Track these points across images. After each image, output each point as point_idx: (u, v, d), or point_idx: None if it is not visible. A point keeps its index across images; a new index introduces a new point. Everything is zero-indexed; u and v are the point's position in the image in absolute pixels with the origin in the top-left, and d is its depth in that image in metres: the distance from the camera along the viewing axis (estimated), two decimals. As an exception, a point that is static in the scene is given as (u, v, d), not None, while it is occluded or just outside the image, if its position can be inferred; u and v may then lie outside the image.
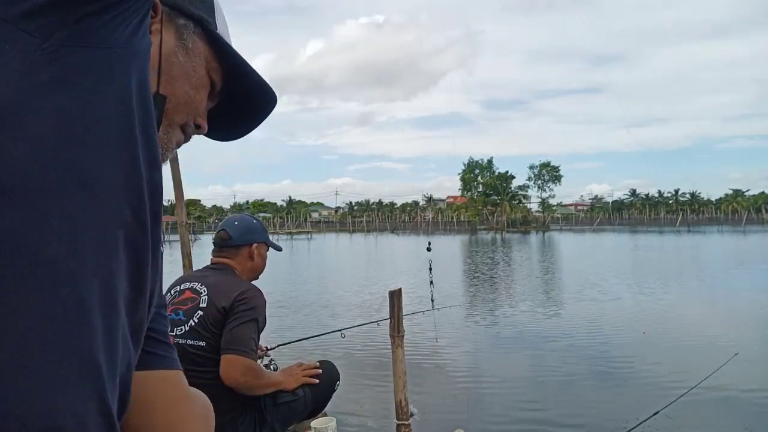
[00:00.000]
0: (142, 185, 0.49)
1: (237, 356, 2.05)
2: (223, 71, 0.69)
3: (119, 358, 0.48)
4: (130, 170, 0.48)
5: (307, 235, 66.69)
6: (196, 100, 0.67)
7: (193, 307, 2.14)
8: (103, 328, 0.45)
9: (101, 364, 0.45)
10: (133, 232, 0.49)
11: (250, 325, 2.12)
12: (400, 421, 2.88)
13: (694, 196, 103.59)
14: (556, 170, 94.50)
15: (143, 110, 0.50)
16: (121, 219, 0.47)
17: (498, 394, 4.80)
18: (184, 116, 0.66)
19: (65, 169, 0.42)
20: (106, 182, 0.45)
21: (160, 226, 0.55)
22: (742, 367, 4.47)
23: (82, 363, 0.43)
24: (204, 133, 0.72)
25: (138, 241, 0.50)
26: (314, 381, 2.39)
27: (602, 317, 8.43)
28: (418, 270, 17.99)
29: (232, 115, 0.76)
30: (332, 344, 6.50)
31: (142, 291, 0.53)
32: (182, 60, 0.63)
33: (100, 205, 0.45)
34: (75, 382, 0.42)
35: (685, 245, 30.65)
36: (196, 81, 0.66)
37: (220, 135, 0.79)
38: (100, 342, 0.45)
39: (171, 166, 4.17)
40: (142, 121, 0.49)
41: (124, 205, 0.47)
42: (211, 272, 2.30)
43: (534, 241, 43.72)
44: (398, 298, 2.96)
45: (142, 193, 0.49)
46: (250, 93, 0.74)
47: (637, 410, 4.15)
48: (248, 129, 0.80)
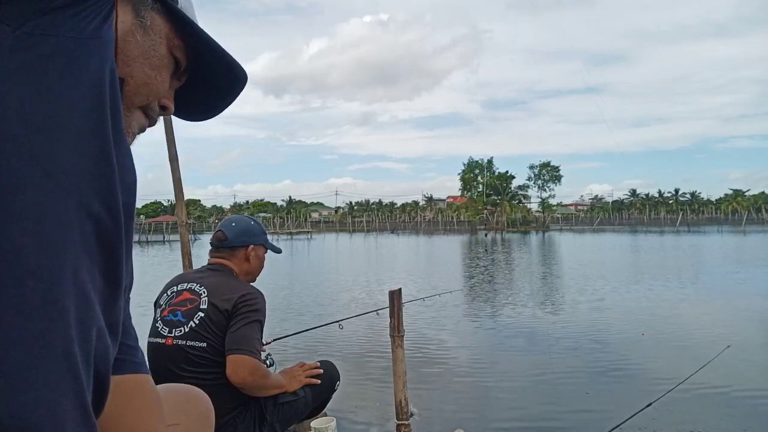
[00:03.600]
0: (113, 175, 0.48)
1: (244, 356, 2.05)
2: (187, 49, 0.65)
3: (94, 352, 0.46)
4: (99, 160, 0.46)
5: (307, 235, 66.65)
6: (157, 81, 0.63)
7: (193, 309, 2.13)
8: (76, 321, 0.44)
9: (76, 358, 0.43)
10: (104, 223, 0.47)
11: (254, 325, 2.11)
12: (400, 421, 2.88)
13: (694, 196, 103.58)
14: (556, 170, 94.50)
15: (113, 100, 0.48)
16: (91, 210, 0.46)
17: (498, 394, 4.80)
18: (144, 98, 0.62)
19: (30, 158, 0.41)
20: (73, 172, 0.44)
21: (133, 219, 0.53)
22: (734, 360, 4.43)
23: (56, 357, 0.41)
24: (171, 114, 0.69)
25: (110, 233, 0.48)
26: (316, 381, 2.39)
27: (602, 317, 8.43)
28: (417, 269, 18.03)
29: (201, 94, 0.73)
30: (331, 343, 6.51)
31: (117, 284, 0.50)
32: (140, 39, 0.59)
33: (68, 195, 0.43)
34: (49, 378, 0.41)
35: (686, 245, 30.64)
36: (156, 61, 0.62)
37: (189, 115, 0.76)
38: (73, 335, 0.43)
39: (171, 165, 4.16)
40: (113, 110, 0.48)
41: (94, 195, 0.46)
42: (209, 273, 2.29)
43: (534, 241, 43.72)
44: (398, 298, 2.95)
45: (113, 184, 0.48)
46: (217, 71, 0.70)
47: (638, 408, 4.15)
48: (219, 108, 0.77)
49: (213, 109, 0.77)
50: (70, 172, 0.44)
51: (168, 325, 2.14)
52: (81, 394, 0.44)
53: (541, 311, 9.12)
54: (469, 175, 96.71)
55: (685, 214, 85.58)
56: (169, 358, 2.09)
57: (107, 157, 0.47)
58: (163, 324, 2.15)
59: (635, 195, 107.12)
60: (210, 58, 0.68)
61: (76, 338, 0.43)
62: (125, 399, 0.66)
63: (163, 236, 57.78)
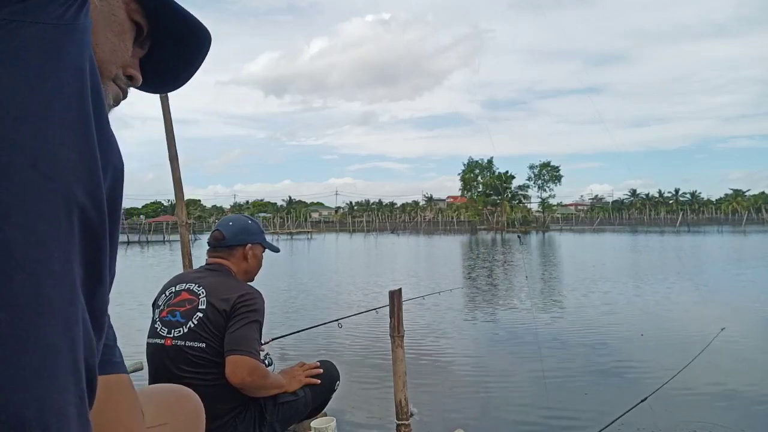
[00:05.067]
0: (97, 165, 0.46)
1: (243, 356, 2.04)
2: (146, 12, 0.62)
3: (82, 345, 0.45)
4: (83, 150, 0.45)
5: (307, 235, 66.64)
6: (122, 48, 0.60)
7: (191, 309, 2.13)
8: (66, 315, 0.43)
9: (67, 353, 0.42)
10: (88, 214, 0.46)
11: (253, 326, 2.11)
12: (400, 421, 2.87)
13: (694, 196, 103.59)
14: (556, 170, 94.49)
15: (95, 87, 0.47)
16: (76, 201, 0.44)
17: (498, 393, 4.80)
18: (114, 68, 0.60)
19: (13, 149, 0.40)
20: (58, 162, 0.43)
21: (118, 211, 0.51)
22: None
23: (47, 353, 0.41)
24: (138, 84, 0.65)
25: (94, 224, 0.47)
26: (316, 381, 2.39)
27: (602, 316, 8.43)
28: (417, 269, 18.02)
29: (166, 62, 0.69)
30: (331, 343, 6.51)
31: (100, 277, 0.49)
32: (98, 4, 0.56)
33: (53, 186, 0.42)
34: (41, 374, 0.40)
35: (686, 245, 30.63)
36: (117, 27, 0.59)
37: (156, 86, 0.72)
38: (64, 330, 0.42)
39: (171, 165, 4.16)
40: (95, 98, 0.47)
41: (78, 186, 0.44)
42: (207, 273, 2.28)
43: (534, 241, 43.71)
44: (398, 298, 2.95)
45: (96, 174, 0.46)
46: (180, 34, 0.66)
47: (638, 409, 4.15)
48: (185, 77, 0.73)
49: (179, 78, 0.73)
50: (55, 162, 0.43)
51: (167, 326, 2.13)
52: (74, 389, 0.43)
53: (542, 312, 9.12)
54: (469, 175, 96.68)
55: (685, 214, 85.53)
56: (168, 358, 2.08)
57: (91, 146, 0.46)
58: (162, 325, 2.15)
59: (635, 195, 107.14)
60: (171, 21, 0.64)
61: (66, 333, 0.42)
62: (104, 398, 0.63)
63: (163, 236, 57.75)
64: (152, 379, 2.13)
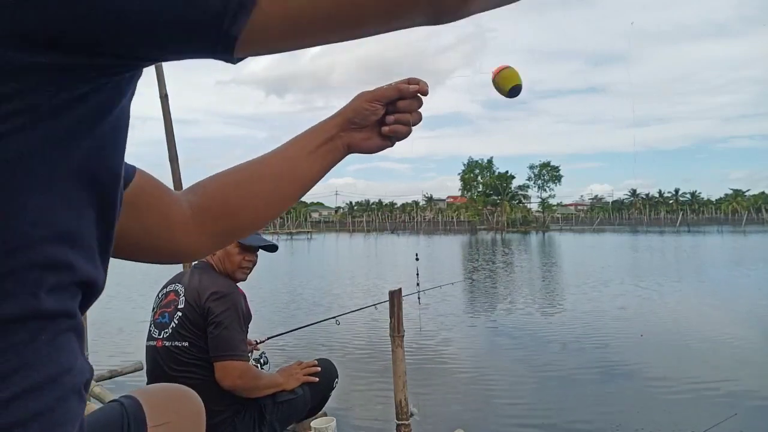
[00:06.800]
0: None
1: (230, 361, 2.07)
2: None
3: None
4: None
5: (307, 235, 66.67)
6: None
7: (173, 309, 2.18)
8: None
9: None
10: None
11: (233, 325, 2.11)
12: (400, 421, 2.88)
13: (694, 196, 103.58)
14: (556, 170, 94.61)
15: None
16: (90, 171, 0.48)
17: (498, 394, 4.80)
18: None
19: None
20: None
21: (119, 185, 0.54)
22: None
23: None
24: None
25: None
26: (314, 379, 2.40)
27: (602, 317, 8.43)
28: (415, 268, 17.96)
29: None
30: (330, 341, 6.51)
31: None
32: None
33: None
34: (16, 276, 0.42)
35: (686, 245, 30.63)
36: None
37: None
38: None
39: (171, 166, 4.15)
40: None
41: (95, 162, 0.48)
42: (193, 271, 2.32)
43: (534, 241, 43.72)
44: (398, 298, 2.95)
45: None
46: None
47: (636, 409, 4.16)
48: None
49: None
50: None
51: (158, 328, 2.18)
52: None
53: (542, 312, 9.12)
54: (469, 175, 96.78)
55: (685, 214, 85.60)
56: (161, 359, 2.13)
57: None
58: (154, 327, 2.20)
59: (635, 195, 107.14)
60: None
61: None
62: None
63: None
64: (150, 380, 2.17)
